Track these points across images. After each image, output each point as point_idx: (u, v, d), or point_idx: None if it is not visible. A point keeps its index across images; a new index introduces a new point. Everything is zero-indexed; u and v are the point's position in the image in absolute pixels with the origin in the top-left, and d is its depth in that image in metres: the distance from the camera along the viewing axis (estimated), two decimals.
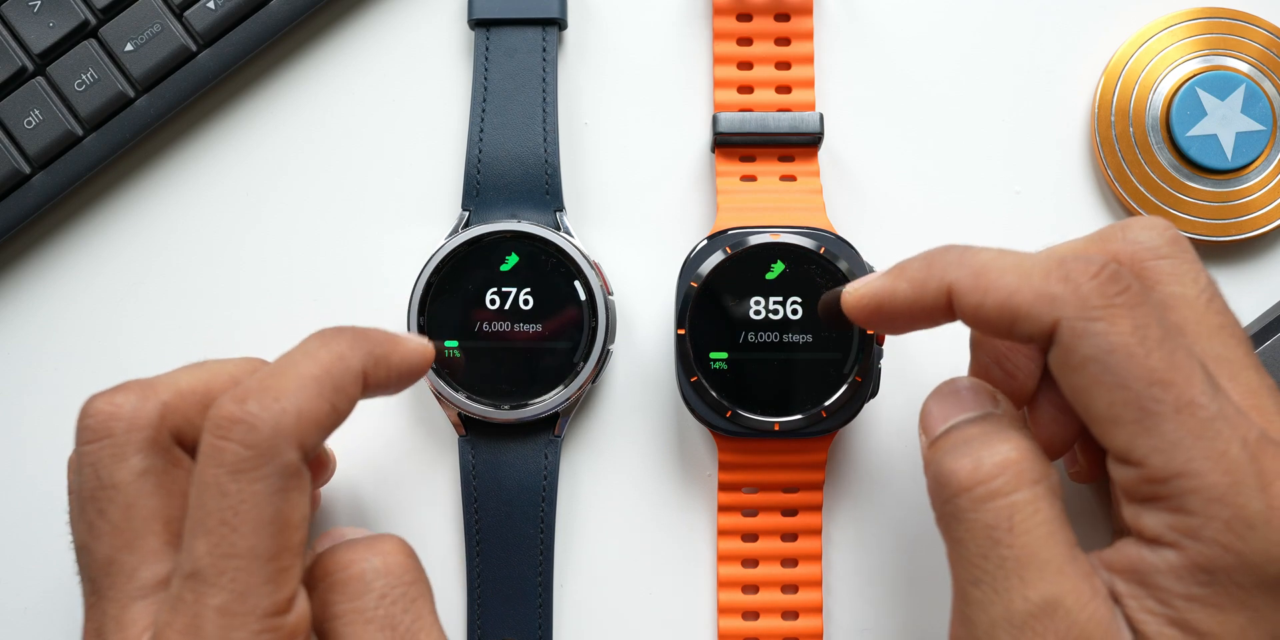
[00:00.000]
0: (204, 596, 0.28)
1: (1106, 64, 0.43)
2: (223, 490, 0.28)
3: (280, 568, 0.29)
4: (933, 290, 0.32)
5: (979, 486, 0.30)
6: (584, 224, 0.43)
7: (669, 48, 0.43)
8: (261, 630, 0.28)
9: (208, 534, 0.28)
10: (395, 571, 0.31)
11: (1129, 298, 0.29)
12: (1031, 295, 0.30)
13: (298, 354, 0.31)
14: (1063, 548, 0.29)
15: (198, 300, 0.43)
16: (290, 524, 0.29)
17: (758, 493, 0.40)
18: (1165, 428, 0.28)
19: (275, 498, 0.29)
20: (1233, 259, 0.43)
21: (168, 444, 0.31)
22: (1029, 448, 0.31)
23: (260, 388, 0.29)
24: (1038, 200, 0.43)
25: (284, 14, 0.42)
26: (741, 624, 0.40)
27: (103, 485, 0.30)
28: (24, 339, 0.43)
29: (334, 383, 0.30)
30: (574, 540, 0.42)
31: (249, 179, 0.43)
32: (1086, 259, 0.30)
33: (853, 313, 0.34)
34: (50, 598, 0.42)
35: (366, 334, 0.32)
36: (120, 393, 0.31)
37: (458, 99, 0.43)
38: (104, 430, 0.31)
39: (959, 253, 0.32)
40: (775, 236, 0.39)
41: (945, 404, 0.33)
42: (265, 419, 0.29)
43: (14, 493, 0.43)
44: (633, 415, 0.42)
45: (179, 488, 0.31)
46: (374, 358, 0.32)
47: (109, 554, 0.30)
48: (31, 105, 0.41)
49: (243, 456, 0.28)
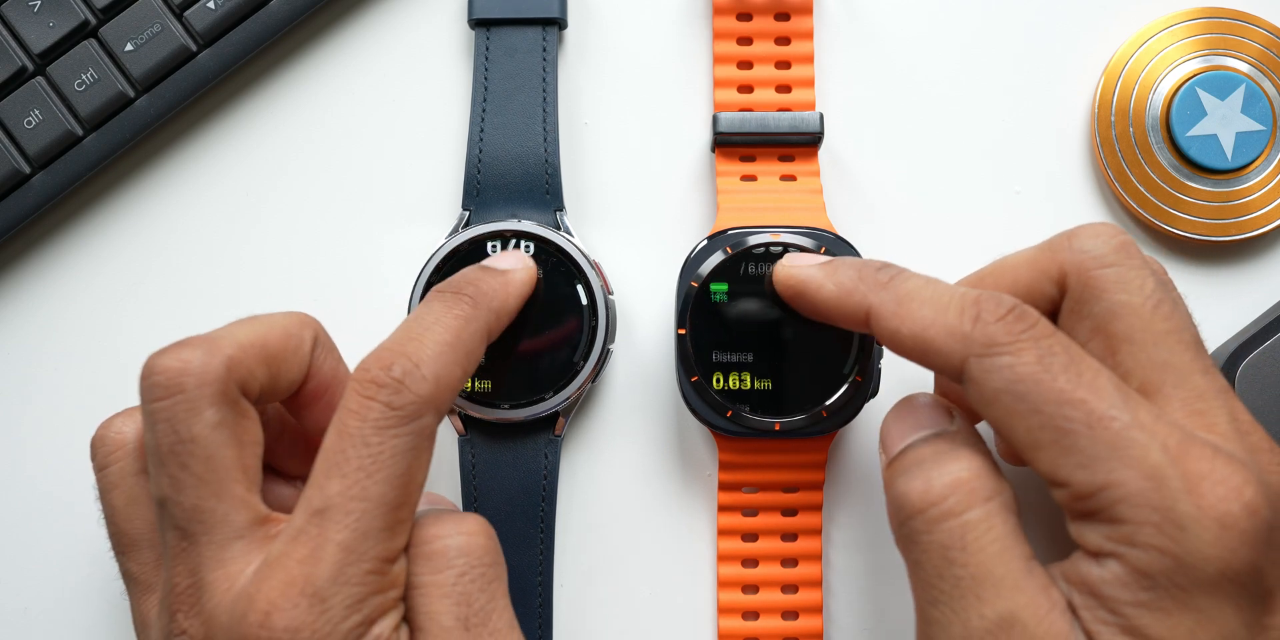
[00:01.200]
0: (329, 531, 0.30)
1: (1106, 64, 0.43)
2: (366, 441, 0.30)
3: (399, 519, 0.30)
4: (854, 304, 0.33)
5: (931, 507, 0.30)
6: (584, 224, 0.43)
7: (669, 48, 0.43)
8: (372, 571, 0.30)
9: (344, 477, 0.30)
10: (476, 551, 0.32)
11: (1035, 332, 0.30)
12: (943, 331, 0.31)
13: (427, 318, 0.33)
14: (1018, 563, 0.30)
15: (198, 300, 0.43)
16: (414, 481, 0.31)
17: (758, 493, 0.40)
18: (1081, 444, 0.29)
19: (409, 455, 0.31)
20: (1233, 259, 0.43)
21: (235, 396, 0.32)
22: (981, 465, 0.31)
23: (402, 353, 0.31)
24: (1038, 200, 0.43)
25: (284, 14, 0.42)
26: (741, 624, 0.40)
27: (181, 439, 0.31)
28: (24, 339, 0.43)
29: (465, 348, 0.33)
30: (574, 540, 0.42)
31: (249, 179, 0.43)
32: (999, 299, 0.31)
33: (778, 285, 0.37)
34: (50, 597, 0.42)
35: (482, 289, 0.35)
36: (185, 348, 0.32)
37: (458, 99, 0.43)
38: (175, 386, 0.31)
39: (889, 276, 0.33)
40: (775, 236, 0.39)
41: (900, 422, 0.34)
42: (408, 385, 0.31)
43: (14, 492, 0.43)
44: (633, 415, 0.42)
45: (249, 437, 0.32)
46: (494, 313, 0.34)
47: (198, 503, 0.31)
48: (31, 105, 0.41)
49: (387, 415, 0.30)
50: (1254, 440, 0.31)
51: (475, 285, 0.35)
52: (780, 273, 0.37)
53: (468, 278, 0.35)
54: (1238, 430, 0.31)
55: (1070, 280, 0.33)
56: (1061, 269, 0.33)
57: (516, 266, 0.37)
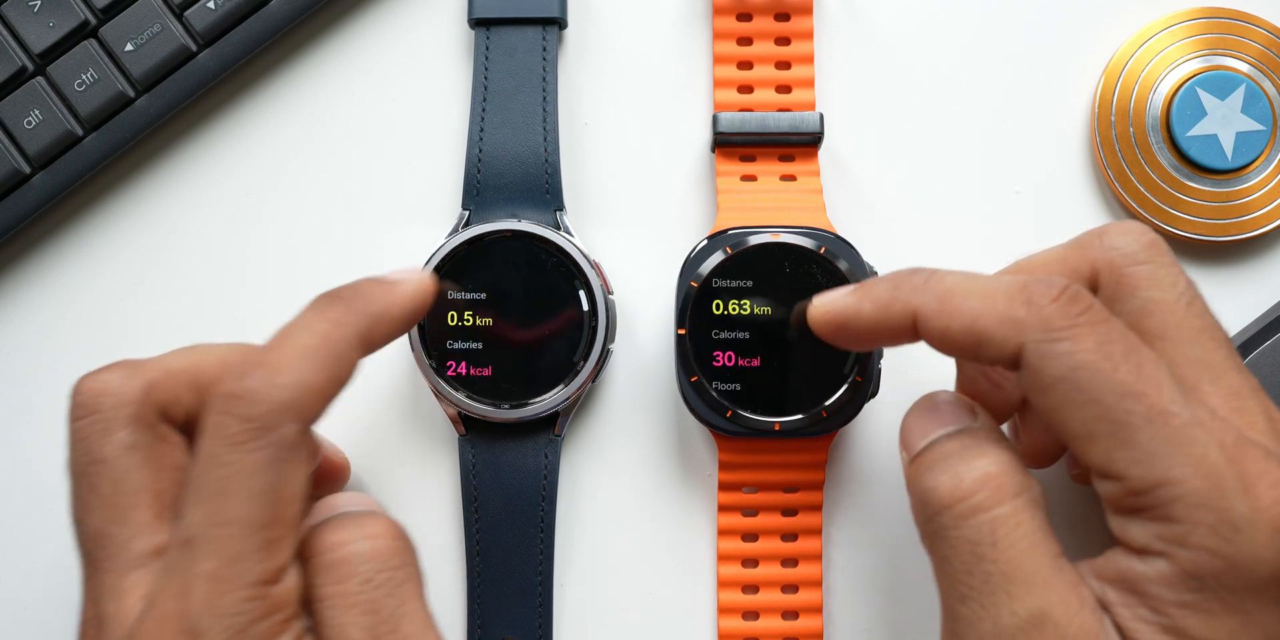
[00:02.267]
0: (194, 562, 0.28)
1: (1106, 64, 0.43)
2: (219, 461, 0.29)
3: (271, 538, 0.29)
4: (897, 313, 0.32)
5: (960, 503, 0.30)
6: (584, 223, 0.43)
7: (669, 48, 0.43)
8: (249, 597, 0.28)
9: (203, 503, 0.29)
10: (382, 555, 0.30)
11: (1091, 316, 0.29)
12: (995, 320, 0.30)
13: (294, 326, 0.31)
14: (1047, 559, 0.29)
15: (198, 300, 0.43)
16: (284, 496, 0.29)
17: (758, 492, 0.40)
18: (1140, 439, 0.28)
19: (270, 469, 0.29)
20: (1233, 259, 0.43)
21: (153, 420, 0.31)
22: (1009, 461, 0.31)
23: (259, 362, 0.30)
24: (1038, 200, 0.43)
25: (284, 14, 0.42)
26: (741, 624, 0.40)
27: (92, 460, 0.31)
28: (24, 339, 0.43)
29: (332, 351, 0.30)
30: (574, 540, 0.42)
31: (249, 179, 0.43)
32: (1048, 281, 0.30)
33: (817, 328, 0.35)
34: (50, 597, 0.42)
35: (359, 293, 0.32)
36: (107, 371, 0.32)
37: (458, 98, 0.43)
38: (91, 406, 0.31)
39: (924, 276, 0.32)
40: (775, 236, 0.39)
41: (924, 419, 0.33)
42: (263, 394, 0.29)
43: (14, 492, 0.43)
44: (633, 415, 0.42)
45: (168, 462, 0.31)
46: (371, 317, 0.32)
47: (100, 527, 0.30)
48: (31, 105, 0.41)
49: (241, 429, 0.29)
50: None
51: (352, 289, 0.32)
52: (815, 314, 0.35)
53: (348, 284, 0.33)
54: (1274, 429, 0.30)
55: (1102, 278, 0.32)
56: (1093, 267, 0.32)
57: (407, 278, 0.34)
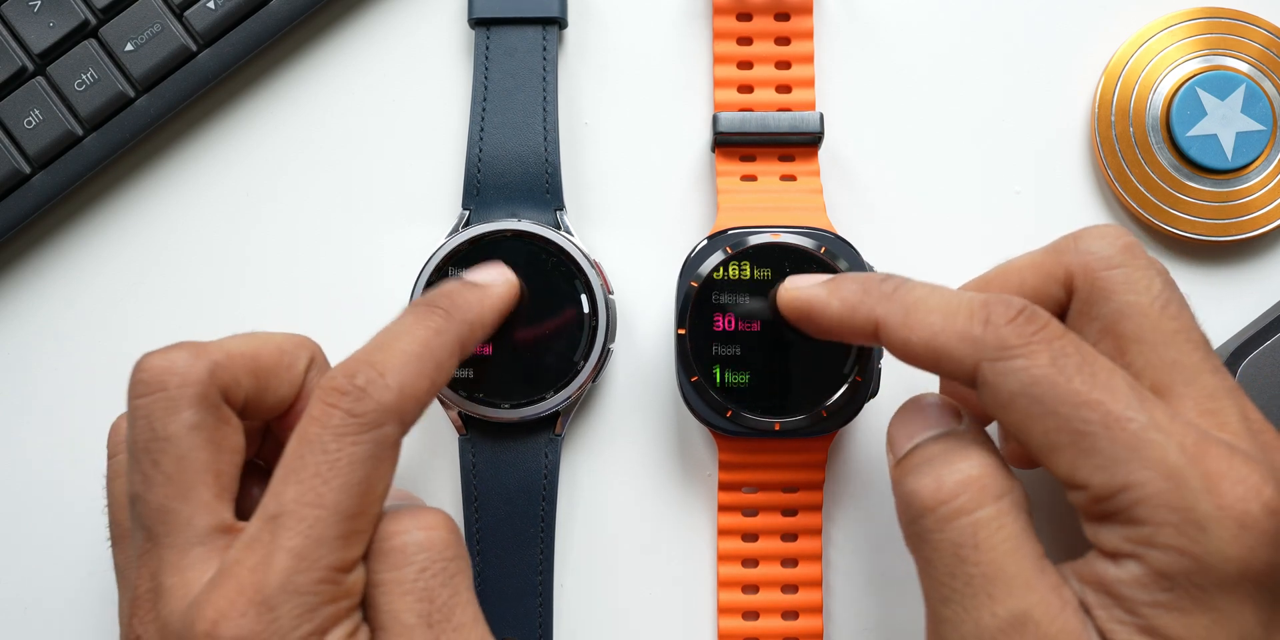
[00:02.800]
0: (281, 538, 0.29)
1: (1106, 64, 0.43)
2: (324, 447, 0.30)
3: (355, 529, 0.30)
4: (861, 317, 0.33)
5: (942, 506, 0.30)
6: (584, 223, 0.43)
7: (669, 47, 0.43)
8: (323, 580, 0.29)
9: (300, 483, 0.30)
10: (437, 546, 0.31)
11: (1046, 333, 0.30)
12: (954, 337, 0.31)
13: (398, 329, 0.32)
14: (1029, 561, 0.29)
15: (198, 300, 0.43)
16: (374, 491, 0.30)
17: (758, 492, 0.40)
18: (1100, 446, 0.29)
19: (368, 463, 0.30)
20: (1233, 259, 0.43)
21: (216, 401, 0.32)
22: (991, 463, 0.31)
23: (367, 362, 0.31)
24: (1038, 200, 0.43)
25: (284, 14, 0.42)
26: (741, 624, 0.40)
27: (156, 437, 0.31)
28: (24, 339, 0.43)
29: (434, 359, 0.32)
30: (574, 540, 0.42)
31: (249, 179, 0.43)
32: (1007, 302, 0.31)
33: (784, 309, 0.36)
34: (51, 597, 0.42)
35: (457, 302, 0.34)
36: (174, 350, 0.32)
37: (458, 98, 0.43)
38: (158, 383, 0.32)
39: (894, 285, 0.33)
40: (775, 236, 0.39)
41: (908, 422, 0.33)
42: (371, 393, 0.30)
43: (15, 492, 0.42)
44: (633, 415, 0.42)
45: (227, 443, 0.32)
46: (468, 325, 0.34)
47: (163, 503, 0.31)
48: (31, 105, 0.41)
49: (348, 422, 0.30)
50: (1266, 439, 0.31)
51: (450, 298, 0.34)
52: (784, 296, 0.36)
53: (443, 290, 0.35)
54: (1249, 429, 0.31)
55: (1077, 282, 0.33)
56: (1068, 271, 0.33)
57: (496, 280, 0.37)
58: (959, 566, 0.30)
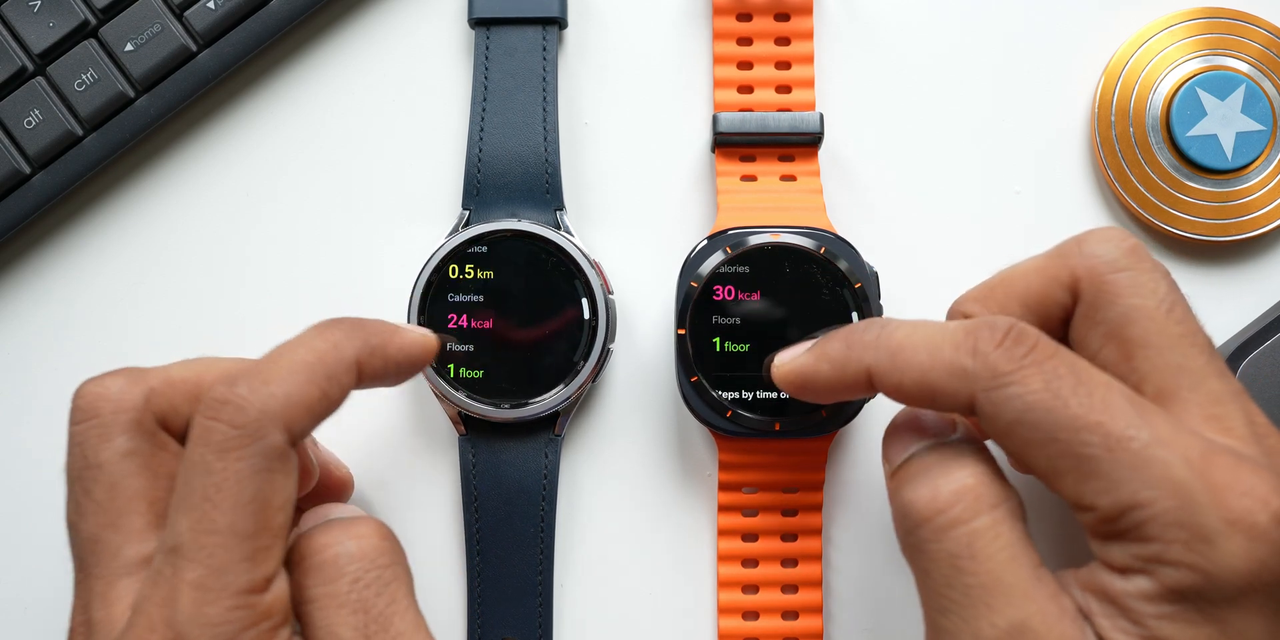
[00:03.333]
0: (181, 571, 0.28)
1: (1106, 64, 0.43)
2: (207, 468, 0.29)
3: (258, 547, 0.29)
4: (852, 372, 0.33)
5: (938, 516, 0.30)
6: (584, 223, 0.43)
7: (669, 48, 0.43)
8: (235, 606, 0.28)
9: (190, 511, 0.29)
10: (370, 555, 0.30)
11: (1036, 355, 0.30)
12: (944, 372, 0.30)
13: (293, 342, 0.31)
14: (1026, 570, 0.29)
15: (198, 300, 0.43)
16: (271, 505, 0.29)
17: (758, 493, 0.40)
18: (1103, 468, 0.29)
19: (257, 478, 0.29)
20: (1233, 259, 0.43)
21: (153, 428, 0.31)
22: (987, 472, 0.31)
23: (251, 372, 0.30)
24: (1038, 200, 0.43)
25: (284, 14, 0.42)
26: (741, 624, 0.40)
27: (88, 464, 0.31)
28: (24, 339, 0.43)
29: (326, 369, 0.31)
30: (574, 540, 0.42)
31: (249, 179, 0.43)
32: (992, 325, 0.30)
33: (781, 386, 0.35)
34: (50, 597, 0.42)
35: (364, 324, 0.33)
36: (110, 377, 0.32)
37: (458, 98, 0.43)
38: (91, 410, 0.31)
39: (876, 332, 0.32)
40: (775, 236, 0.39)
41: (903, 434, 0.33)
42: (253, 401, 0.29)
43: (15, 492, 0.42)
44: (633, 415, 0.42)
45: (164, 470, 0.31)
46: (369, 347, 0.32)
47: (94, 532, 0.30)
48: (31, 105, 0.41)
49: (229, 436, 0.29)
50: (1271, 443, 0.30)
51: (356, 319, 0.33)
52: (776, 374, 0.35)
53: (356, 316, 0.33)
54: (1255, 434, 0.30)
55: (1082, 286, 0.32)
56: (1073, 275, 0.32)
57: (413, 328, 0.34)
58: (956, 577, 0.29)
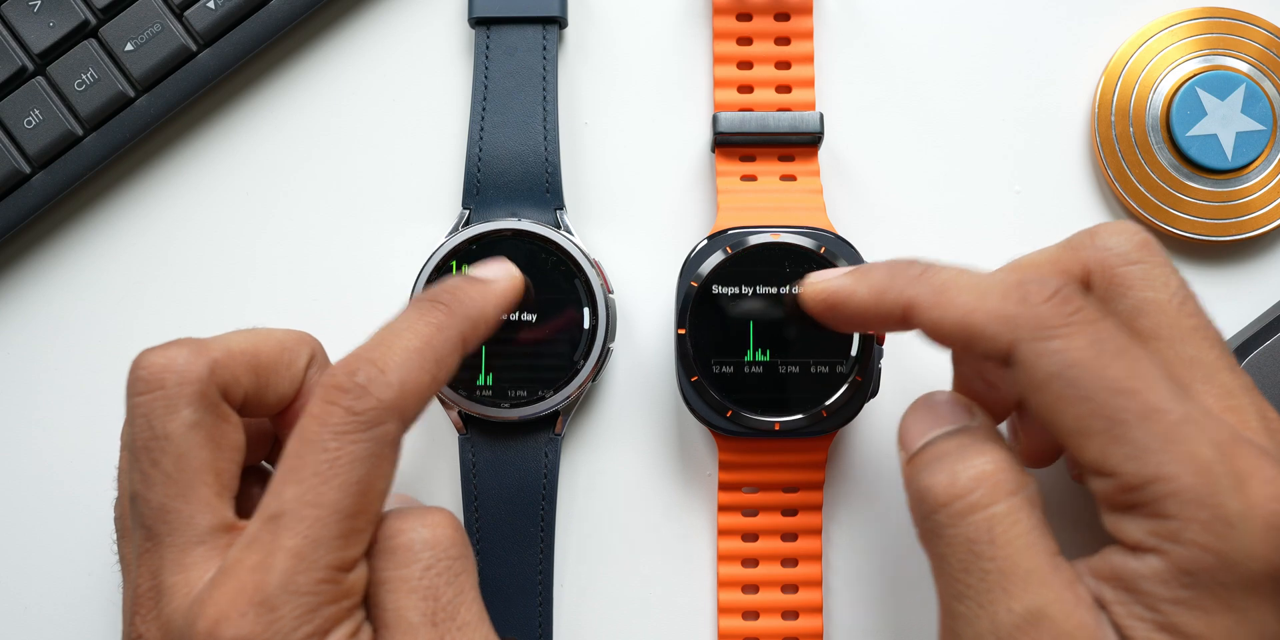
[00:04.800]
0: (281, 537, 0.29)
1: (1106, 64, 0.43)
2: (324, 447, 0.30)
3: (355, 528, 0.30)
4: (890, 301, 0.32)
5: (956, 501, 0.30)
6: (584, 223, 0.43)
7: (669, 47, 0.43)
8: (324, 580, 0.29)
9: (299, 482, 0.29)
10: (443, 544, 0.31)
11: (1085, 315, 0.29)
12: (988, 315, 0.30)
13: (399, 326, 0.32)
14: (1044, 557, 0.29)
15: (198, 300, 0.43)
16: (374, 489, 0.30)
17: (758, 492, 0.40)
18: (1134, 435, 0.28)
19: (368, 462, 0.30)
20: (1233, 259, 0.43)
21: (216, 399, 0.32)
22: (1005, 459, 0.31)
23: (368, 359, 0.31)
24: (1038, 200, 0.43)
25: (284, 14, 0.42)
26: (741, 624, 0.40)
27: (155, 436, 0.31)
28: (25, 339, 0.43)
29: (435, 354, 0.32)
30: (574, 539, 0.42)
31: (249, 179, 0.43)
32: (1043, 281, 0.30)
33: (809, 304, 0.35)
34: (51, 597, 0.42)
35: (459, 297, 0.34)
36: (173, 347, 0.32)
37: (458, 97, 0.43)
38: (157, 382, 0.31)
39: (921, 268, 0.32)
40: (775, 236, 0.39)
41: (921, 419, 0.33)
42: (371, 391, 0.30)
43: (16, 493, 0.42)
44: (633, 415, 0.42)
45: (227, 442, 0.32)
46: (470, 321, 0.33)
47: (163, 502, 0.31)
48: (31, 105, 0.41)
49: (348, 420, 0.30)
50: None
51: (452, 293, 0.34)
52: (809, 290, 0.35)
53: (446, 285, 0.34)
54: (1268, 428, 0.31)
55: (1095, 278, 0.32)
56: (1085, 267, 0.33)
57: (500, 275, 0.36)
58: (974, 562, 0.29)
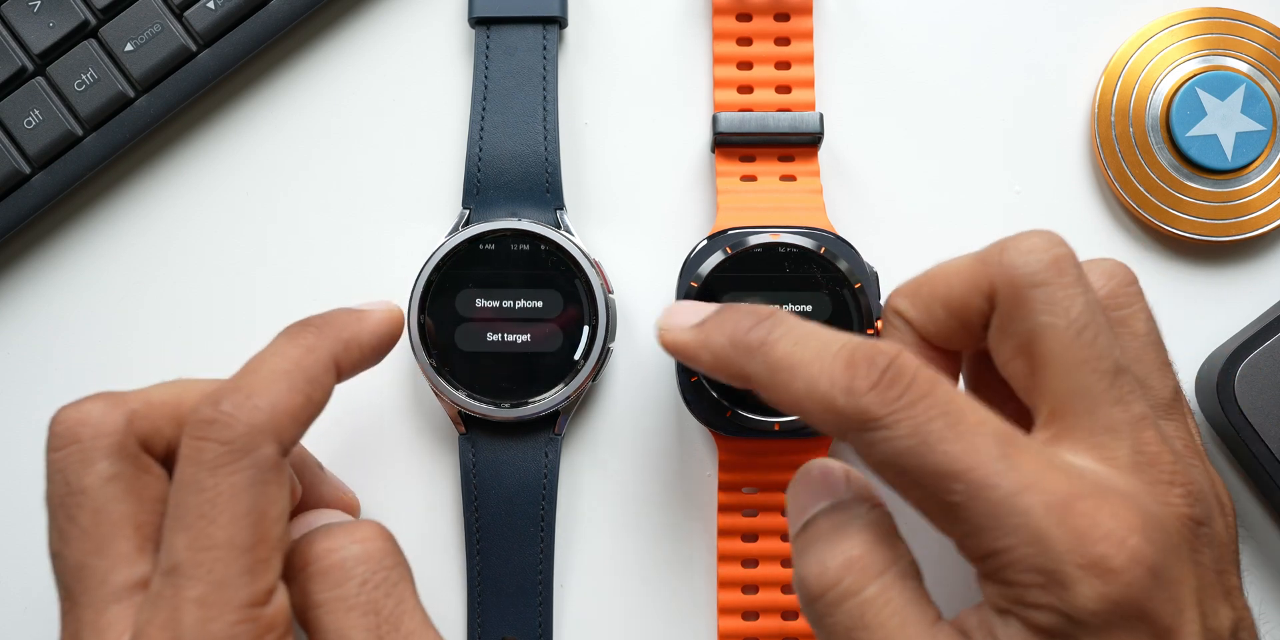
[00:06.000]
0: (182, 590, 0.28)
1: (1106, 64, 0.43)
2: (200, 486, 0.29)
3: (257, 559, 0.29)
4: (734, 373, 0.32)
5: (829, 591, 0.30)
6: (584, 223, 0.43)
7: (669, 47, 0.43)
8: (239, 621, 0.28)
9: (186, 529, 0.29)
10: (375, 556, 0.31)
11: (910, 396, 0.29)
12: (818, 405, 0.30)
13: (267, 352, 0.31)
14: (921, 629, 0.29)
15: (198, 300, 0.43)
16: (267, 517, 0.29)
17: (758, 493, 0.40)
18: (965, 515, 0.29)
19: (252, 491, 0.29)
20: (1233, 259, 0.43)
21: (135, 451, 0.31)
22: (872, 538, 0.30)
23: (233, 388, 0.30)
24: (1038, 200, 0.43)
25: (284, 14, 0.42)
26: (741, 624, 0.40)
27: (71, 491, 0.30)
28: (24, 340, 0.43)
29: (305, 374, 0.31)
30: (574, 539, 0.42)
31: (249, 179, 0.43)
32: (871, 360, 0.30)
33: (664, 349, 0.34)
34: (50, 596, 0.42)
35: (330, 320, 0.33)
36: (88, 401, 0.31)
37: (458, 97, 0.43)
38: (71, 436, 0.31)
39: (760, 338, 0.31)
40: (775, 236, 0.39)
41: (798, 495, 0.33)
42: (239, 417, 0.29)
43: (15, 493, 0.43)
44: (633, 415, 0.42)
45: (149, 493, 0.31)
46: (342, 342, 0.32)
47: (80, 559, 0.30)
48: (31, 105, 0.41)
49: (219, 453, 0.29)
50: (1154, 473, 0.30)
51: (323, 318, 0.33)
52: (661, 337, 0.34)
53: (321, 313, 0.34)
54: (1137, 463, 0.30)
55: (1000, 296, 0.32)
56: (991, 283, 0.32)
57: (376, 307, 0.35)
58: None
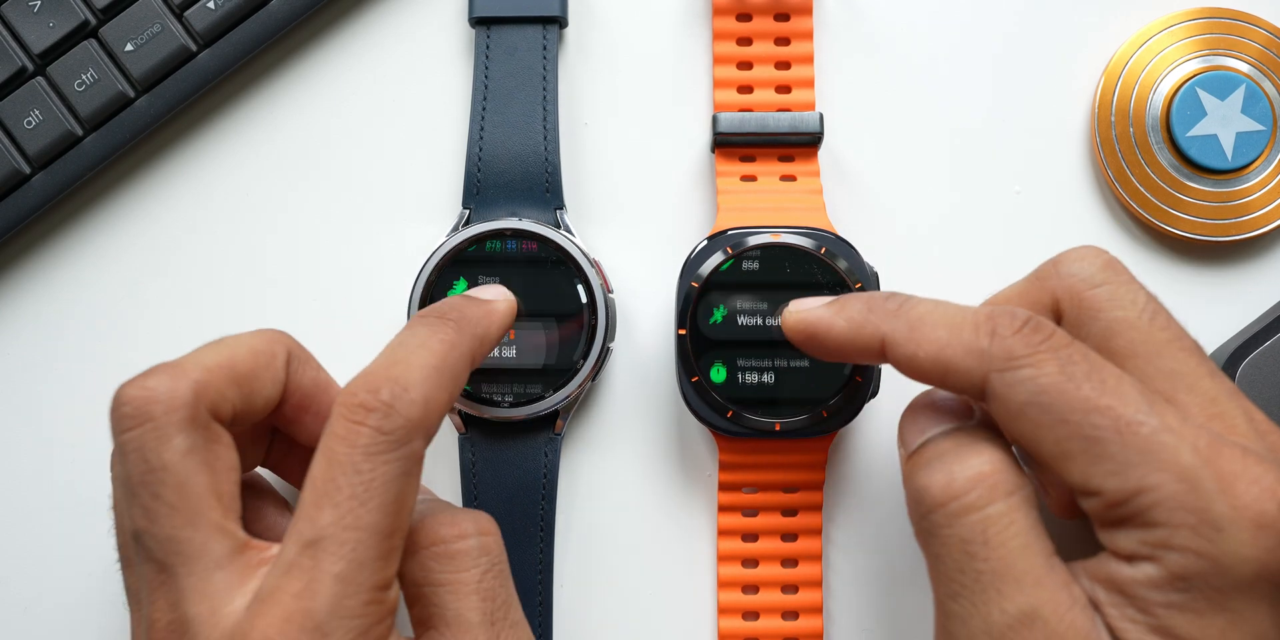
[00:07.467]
0: (322, 563, 0.29)
1: (1106, 64, 0.43)
2: (356, 468, 0.30)
3: (392, 546, 0.30)
4: (867, 336, 0.33)
5: (953, 501, 0.30)
6: (584, 223, 0.43)
7: (669, 47, 0.43)
8: (370, 601, 0.29)
9: (336, 506, 0.29)
10: (495, 550, 0.33)
11: (1053, 342, 0.30)
12: (961, 349, 0.31)
13: (412, 342, 0.32)
14: (1039, 558, 0.30)
15: (198, 300, 0.43)
16: (406, 507, 0.31)
17: (758, 493, 0.40)
18: (1112, 451, 0.29)
19: (400, 480, 0.30)
20: (1233, 259, 0.43)
21: (206, 420, 0.31)
22: (1003, 459, 0.31)
23: (389, 377, 0.31)
24: (1038, 200, 0.43)
25: (284, 14, 0.42)
26: (741, 624, 0.40)
27: (152, 468, 0.31)
28: (24, 340, 0.43)
29: (451, 372, 0.32)
30: (574, 540, 0.42)
31: (249, 179, 0.43)
32: (1012, 313, 0.31)
33: (789, 333, 0.36)
34: (51, 598, 0.42)
35: (466, 315, 0.34)
36: (151, 377, 0.31)
37: (458, 97, 0.43)
38: (143, 415, 0.31)
39: (898, 302, 0.33)
40: (775, 236, 0.39)
41: (920, 417, 0.33)
42: (398, 409, 0.30)
43: (16, 493, 0.42)
44: (633, 415, 0.42)
45: (223, 463, 0.32)
46: (478, 339, 0.34)
47: (170, 533, 0.30)
48: (31, 105, 0.41)
49: (377, 440, 0.30)
50: (1273, 440, 0.31)
51: (459, 311, 0.34)
52: (789, 319, 0.36)
53: (451, 304, 0.35)
54: (1256, 430, 0.31)
55: (1064, 306, 0.33)
56: (1054, 296, 0.33)
57: (499, 297, 0.37)
58: (968, 562, 0.30)
